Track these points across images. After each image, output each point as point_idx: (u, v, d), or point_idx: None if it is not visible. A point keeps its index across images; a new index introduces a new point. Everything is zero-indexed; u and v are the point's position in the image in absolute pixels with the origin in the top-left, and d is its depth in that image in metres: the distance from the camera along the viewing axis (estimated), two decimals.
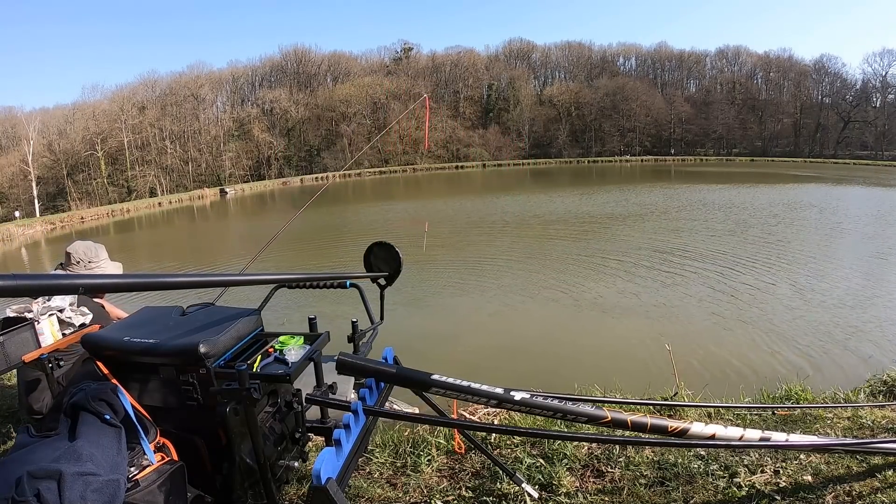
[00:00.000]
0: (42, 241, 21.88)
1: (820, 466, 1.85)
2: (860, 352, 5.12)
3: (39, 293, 1.71)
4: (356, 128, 58.96)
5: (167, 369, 1.37)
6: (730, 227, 14.22)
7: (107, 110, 49.99)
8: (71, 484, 0.92)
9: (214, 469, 1.32)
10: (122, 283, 1.11)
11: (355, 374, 1.45)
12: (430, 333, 6.36)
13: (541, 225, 16.22)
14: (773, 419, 2.37)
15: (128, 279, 1.18)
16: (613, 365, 4.84)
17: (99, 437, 1.05)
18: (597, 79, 66.76)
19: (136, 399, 1.25)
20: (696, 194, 23.29)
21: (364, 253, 2.03)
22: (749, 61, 66.48)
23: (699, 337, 5.79)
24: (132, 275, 1.28)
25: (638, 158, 58.03)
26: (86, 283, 0.92)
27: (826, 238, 12.64)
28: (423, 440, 2.41)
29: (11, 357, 1.59)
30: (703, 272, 9.28)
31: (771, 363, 4.93)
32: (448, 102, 65.20)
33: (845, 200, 20.79)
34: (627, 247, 11.89)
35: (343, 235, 15.21)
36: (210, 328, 1.42)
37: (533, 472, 1.98)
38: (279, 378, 1.35)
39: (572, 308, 7.40)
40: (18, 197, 42.11)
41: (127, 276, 1.27)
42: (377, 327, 1.98)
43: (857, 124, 58.37)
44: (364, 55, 70.81)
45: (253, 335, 1.54)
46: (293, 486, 1.95)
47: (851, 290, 7.82)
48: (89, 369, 1.39)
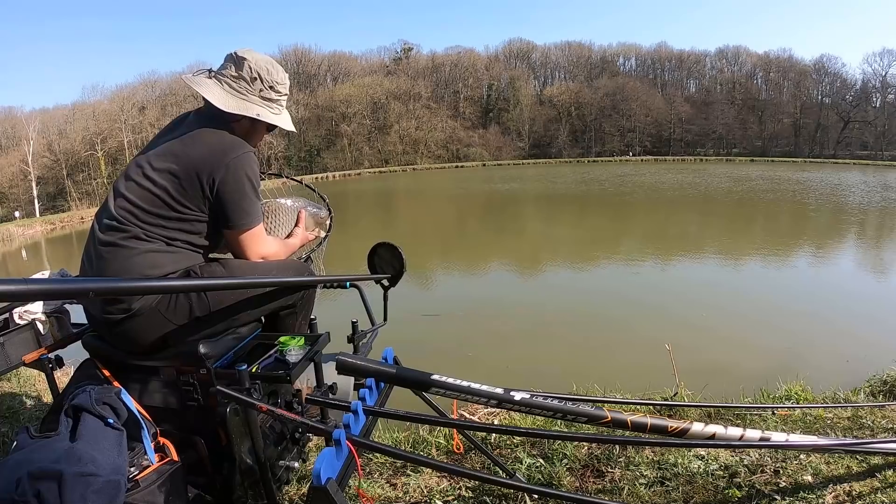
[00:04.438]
0: (42, 241, 21.88)
1: (820, 466, 1.85)
2: (860, 351, 5.12)
3: (47, 298, 1.71)
4: (356, 128, 58.98)
5: (167, 370, 1.37)
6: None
7: (107, 110, 50.00)
8: (71, 485, 0.92)
9: (214, 469, 1.32)
10: (133, 288, 1.12)
11: (355, 375, 1.46)
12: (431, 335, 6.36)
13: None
14: (773, 419, 2.37)
15: (138, 283, 1.18)
16: (613, 365, 4.84)
17: (100, 439, 1.05)
18: (597, 79, 66.76)
19: (136, 399, 1.25)
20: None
21: (368, 254, 2.03)
22: (749, 61, 66.48)
23: (700, 336, 5.79)
24: (141, 279, 1.29)
25: (638, 158, 58.03)
26: (97, 287, 0.93)
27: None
28: (422, 440, 2.41)
29: (11, 357, 1.59)
30: (701, 269, 9.28)
31: (771, 363, 4.93)
32: (448, 102, 65.21)
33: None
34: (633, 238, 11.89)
35: (343, 235, 15.17)
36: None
37: (533, 472, 1.98)
38: (279, 378, 1.35)
39: (573, 307, 7.40)
40: (18, 197, 42.11)
41: (136, 280, 1.28)
42: (378, 328, 1.98)
43: (857, 124, 58.35)
44: (364, 55, 70.92)
45: (253, 336, 1.54)
46: (293, 486, 1.95)
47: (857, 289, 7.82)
48: (90, 370, 1.39)
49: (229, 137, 1.42)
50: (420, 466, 2.07)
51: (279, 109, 1.55)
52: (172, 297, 1.34)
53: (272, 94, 1.51)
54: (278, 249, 1.61)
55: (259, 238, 1.50)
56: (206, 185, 1.35)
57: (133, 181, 1.35)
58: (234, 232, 1.44)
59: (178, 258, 1.37)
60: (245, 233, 1.45)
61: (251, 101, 1.47)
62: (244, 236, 1.45)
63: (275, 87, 1.51)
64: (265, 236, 1.54)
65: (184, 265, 1.38)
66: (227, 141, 1.41)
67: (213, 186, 1.36)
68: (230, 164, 1.37)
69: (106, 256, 1.32)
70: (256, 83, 1.47)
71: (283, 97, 1.56)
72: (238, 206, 1.40)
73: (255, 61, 1.47)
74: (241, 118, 1.46)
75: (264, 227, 1.66)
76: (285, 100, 1.58)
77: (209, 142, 1.38)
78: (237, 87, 1.46)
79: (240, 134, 1.47)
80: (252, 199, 1.43)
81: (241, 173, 1.39)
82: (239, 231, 1.44)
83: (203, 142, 1.38)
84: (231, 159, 1.37)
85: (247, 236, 1.46)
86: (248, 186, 1.41)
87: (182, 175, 1.34)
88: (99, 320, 1.38)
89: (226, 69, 1.48)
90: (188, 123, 1.46)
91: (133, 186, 1.35)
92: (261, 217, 1.49)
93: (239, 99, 1.46)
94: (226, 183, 1.37)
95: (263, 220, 1.66)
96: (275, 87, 1.51)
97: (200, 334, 1.36)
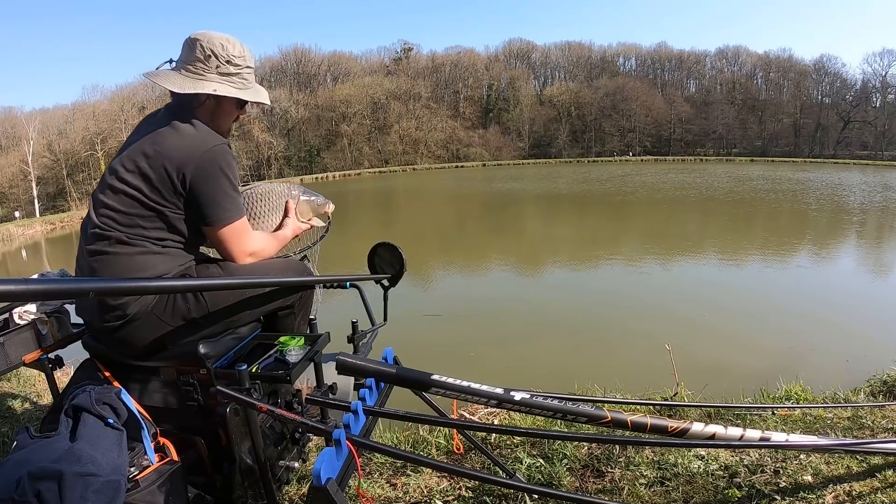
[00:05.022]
0: (42, 241, 21.89)
1: (820, 466, 1.85)
2: (860, 351, 5.12)
3: (47, 298, 1.71)
4: (356, 128, 58.99)
5: (167, 370, 1.37)
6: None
7: (107, 110, 49.94)
8: (71, 484, 0.92)
9: (214, 469, 1.32)
10: (133, 288, 1.12)
11: (355, 375, 1.45)
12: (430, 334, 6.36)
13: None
14: (773, 419, 2.37)
15: (138, 283, 1.18)
16: (613, 365, 4.84)
17: (100, 439, 1.05)
18: (597, 79, 66.76)
19: (136, 399, 1.25)
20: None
21: (368, 254, 2.03)
22: (749, 61, 66.49)
23: (699, 336, 5.79)
24: (140, 279, 1.29)
25: (638, 158, 58.04)
26: (97, 287, 0.93)
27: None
28: (422, 440, 2.41)
29: (11, 357, 1.59)
30: (701, 269, 9.28)
31: (771, 363, 4.93)
32: (448, 102, 65.22)
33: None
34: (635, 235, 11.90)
35: (343, 234, 15.26)
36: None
37: (533, 473, 1.98)
38: (279, 378, 1.35)
39: (573, 307, 7.40)
40: (18, 197, 42.09)
41: (136, 280, 1.27)
42: (378, 328, 1.98)
43: (857, 124, 58.35)
44: (364, 55, 70.97)
45: (253, 336, 1.54)
46: (293, 486, 1.95)
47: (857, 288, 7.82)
48: (90, 370, 1.39)
49: (199, 131, 1.37)
50: (420, 466, 2.07)
51: (243, 83, 1.47)
52: (169, 300, 1.33)
53: (230, 68, 1.43)
54: (266, 245, 1.55)
55: (241, 234, 1.44)
56: (177, 183, 1.32)
57: (109, 187, 1.32)
58: (212, 229, 1.40)
59: (169, 258, 1.36)
60: (223, 229, 1.40)
61: (208, 78, 1.40)
62: (223, 232, 1.40)
63: (232, 61, 1.43)
64: (249, 231, 1.48)
65: (177, 264, 1.37)
66: (197, 135, 1.36)
67: (186, 183, 1.32)
68: (201, 159, 1.33)
69: (95, 266, 1.31)
70: (212, 60, 1.41)
71: (245, 70, 1.48)
72: (213, 202, 1.36)
73: (208, 39, 1.41)
74: (204, 100, 1.41)
75: (253, 213, 1.61)
76: (250, 73, 1.50)
77: (177, 137, 1.34)
78: (193, 69, 1.40)
79: (206, 117, 1.42)
80: (228, 193, 1.38)
81: (214, 168, 1.35)
82: (217, 227, 1.39)
83: (171, 137, 1.34)
84: (201, 153, 1.33)
85: (226, 232, 1.40)
86: (222, 180, 1.37)
87: (153, 175, 1.31)
88: (97, 328, 1.38)
89: (182, 55, 1.43)
90: (158, 119, 1.41)
91: (109, 192, 1.32)
92: (241, 211, 1.44)
93: (196, 79, 1.40)
94: (198, 179, 1.33)
95: (253, 206, 1.62)
96: (232, 60, 1.43)
97: (199, 336, 1.36)
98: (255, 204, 1.64)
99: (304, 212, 1.75)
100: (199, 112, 1.41)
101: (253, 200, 1.64)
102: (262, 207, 1.65)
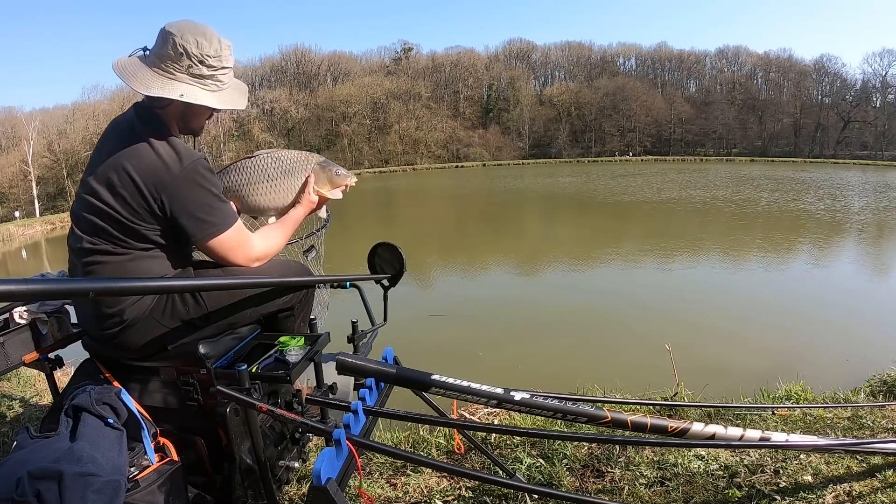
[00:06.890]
0: (42, 241, 21.89)
1: (820, 466, 1.85)
2: (860, 351, 5.12)
3: (47, 298, 1.70)
4: (356, 128, 59.00)
5: (168, 370, 1.37)
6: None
7: (107, 110, 49.89)
8: (71, 484, 0.92)
9: (214, 469, 1.32)
10: (133, 287, 1.11)
11: (355, 375, 1.45)
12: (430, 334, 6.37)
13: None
14: (773, 419, 2.37)
15: (139, 283, 1.18)
16: (613, 365, 4.84)
17: (100, 439, 1.05)
18: (597, 79, 66.83)
19: (136, 399, 1.25)
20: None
21: (368, 254, 2.03)
22: (749, 61, 66.55)
23: (700, 336, 5.79)
24: (140, 279, 1.28)
25: (638, 158, 58.05)
26: (97, 287, 0.92)
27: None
28: (422, 440, 2.41)
29: (11, 357, 1.59)
30: (701, 269, 9.28)
31: (771, 363, 4.93)
32: (448, 102, 65.26)
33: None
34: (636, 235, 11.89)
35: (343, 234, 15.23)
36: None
37: (533, 472, 1.98)
38: (279, 378, 1.35)
39: (573, 307, 7.40)
40: (18, 197, 42.10)
41: (136, 280, 1.27)
42: (378, 328, 1.98)
43: (857, 124, 58.39)
44: (364, 55, 71.12)
45: (253, 336, 1.54)
46: (293, 486, 1.96)
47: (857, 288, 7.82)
48: (90, 370, 1.39)
49: (172, 148, 1.28)
50: (420, 466, 2.07)
51: (217, 86, 1.35)
52: (168, 303, 1.32)
53: (203, 69, 1.31)
54: (271, 241, 1.48)
55: (239, 241, 1.37)
56: (155, 207, 1.26)
57: (88, 205, 1.27)
58: (201, 243, 1.33)
59: (164, 262, 1.34)
60: (212, 240, 1.33)
61: (178, 79, 1.29)
62: (213, 244, 1.33)
63: (206, 62, 1.30)
64: (244, 237, 1.40)
65: (174, 266, 1.36)
66: (170, 155, 1.27)
67: (165, 209, 1.26)
68: (174, 182, 1.26)
69: (90, 273, 1.29)
70: (183, 60, 1.28)
71: (221, 71, 1.35)
72: (195, 219, 1.29)
73: (182, 34, 1.28)
74: (173, 100, 1.29)
75: (268, 175, 1.55)
76: (226, 73, 1.37)
77: (149, 157, 1.26)
78: (163, 66, 1.29)
79: (174, 118, 1.34)
80: (211, 206, 1.31)
81: (191, 187, 1.28)
82: (204, 240, 1.32)
83: (144, 158, 1.25)
84: (173, 177, 1.26)
85: (216, 244, 1.33)
86: (201, 195, 1.29)
87: (127, 194, 1.24)
88: (95, 335, 1.37)
89: (155, 48, 1.32)
90: (130, 128, 1.32)
91: (87, 208, 1.27)
92: (231, 219, 1.36)
93: (165, 79, 1.28)
94: (176, 202, 1.26)
95: (268, 168, 1.56)
96: (205, 61, 1.30)
97: (199, 336, 1.36)
98: (271, 166, 1.57)
99: (322, 182, 1.62)
100: (169, 111, 1.33)
101: (269, 163, 1.58)
102: (277, 170, 1.57)
